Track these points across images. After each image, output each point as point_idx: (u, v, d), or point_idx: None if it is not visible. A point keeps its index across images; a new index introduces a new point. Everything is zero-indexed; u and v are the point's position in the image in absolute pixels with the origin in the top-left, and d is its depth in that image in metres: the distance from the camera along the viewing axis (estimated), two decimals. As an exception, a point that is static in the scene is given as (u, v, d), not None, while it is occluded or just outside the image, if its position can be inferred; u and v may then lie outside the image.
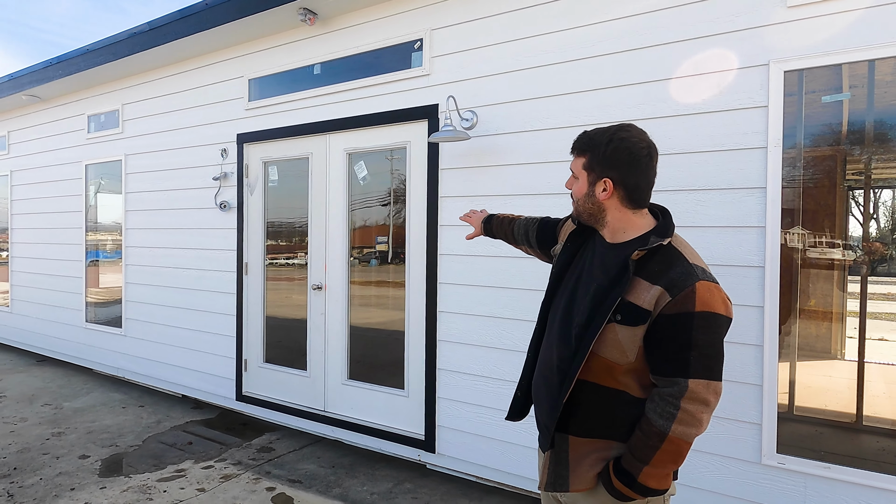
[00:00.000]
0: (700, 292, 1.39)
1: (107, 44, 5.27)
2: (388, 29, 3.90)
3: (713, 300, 1.40)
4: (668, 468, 1.43)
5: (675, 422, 1.39)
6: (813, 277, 2.66)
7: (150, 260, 5.56)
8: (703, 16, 2.80)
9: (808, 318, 2.68)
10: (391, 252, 4.06)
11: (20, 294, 7.30)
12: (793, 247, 2.66)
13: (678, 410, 1.39)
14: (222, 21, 4.36)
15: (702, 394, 1.39)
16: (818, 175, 2.63)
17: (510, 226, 2.15)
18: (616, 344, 1.45)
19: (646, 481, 1.43)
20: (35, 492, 3.44)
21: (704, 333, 1.39)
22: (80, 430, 4.55)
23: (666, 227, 1.52)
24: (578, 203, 1.61)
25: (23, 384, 5.89)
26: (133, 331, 5.75)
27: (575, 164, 1.61)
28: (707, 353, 1.39)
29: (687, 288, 1.40)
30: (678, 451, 1.41)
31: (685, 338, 1.39)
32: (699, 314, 1.39)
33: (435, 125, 3.67)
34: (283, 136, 4.49)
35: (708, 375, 1.39)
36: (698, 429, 1.40)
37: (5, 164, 7.41)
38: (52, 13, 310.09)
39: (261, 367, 4.73)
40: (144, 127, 5.58)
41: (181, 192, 5.24)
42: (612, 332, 1.45)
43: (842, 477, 2.49)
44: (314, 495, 3.45)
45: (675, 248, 1.49)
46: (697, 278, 1.41)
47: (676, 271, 1.43)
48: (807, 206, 2.64)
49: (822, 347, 2.68)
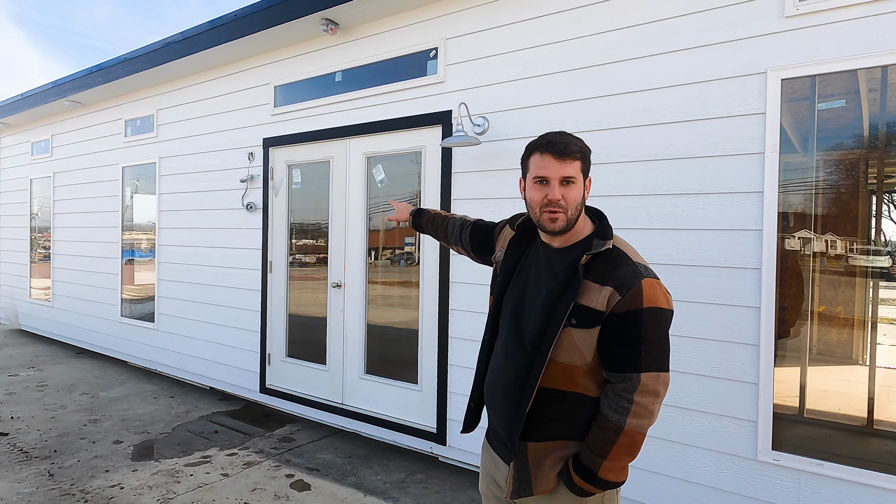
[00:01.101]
0: (646, 289, 1.45)
1: (143, 52, 5.57)
2: (406, 38, 4.07)
3: (657, 295, 1.46)
4: (625, 460, 1.48)
5: (629, 415, 1.43)
6: (828, 282, 2.69)
7: (181, 258, 5.84)
8: (702, 26, 2.89)
9: (825, 322, 2.71)
10: (405, 253, 4.22)
11: (60, 290, 7.69)
12: (800, 250, 2.73)
13: (632, 404, 1.43)
14: (250, 31, 4.59)
15: (652, 386, 1.44)
16: (832, 179, 2.68)
17: (443, 223, 2.17)
18: (573, 348, 1.49)
19: (605, 475, 1.47)
20: (73, 473, 3.70)
21: (652, 328, 1.44)
22: (114, 417, 4.82)
23: (606, 230, 1.57)
24: (574, 209, 1.54)
25: (62, 374, 6.23)
26: (164, 325, 6.04)
27: (573, 168, 1.53)
28: (655, 347, 1.44)
29: (634, 286, 1.45)
30: (633, 444, 1.45)
31: (635, 334, 1.44)
32: (647, 310, 1.44)
33: (448, 130, 3.82)
34: (306, 141, 4.70)
35: (657, 368, 1.45)
36: (650, 420, 1.45)
37: (48, 167, 7.82)
38: (92, 19, 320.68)
39: (283, 361, 4.94)
40: (177, 131, 5.87)
41: (211, 194, 5.50)
42: (569, 337, 1.48)
43: (834, 474, 2.56)
44: (330, 483, 3.62)
45: (618, 248, 1.53)
46: (643, 276, 1.46)
47: (623, 271, 1.47)
48: (818, 211, 2.69)
49: (842, 353, 2.70)
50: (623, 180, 3.14)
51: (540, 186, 1.56)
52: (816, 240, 2.69)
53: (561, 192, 1.52)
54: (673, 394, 2.97)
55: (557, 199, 1.52)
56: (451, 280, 3.83)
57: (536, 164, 1.56)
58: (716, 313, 2.86)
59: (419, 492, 3.52)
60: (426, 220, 2.25)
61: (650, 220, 3.05)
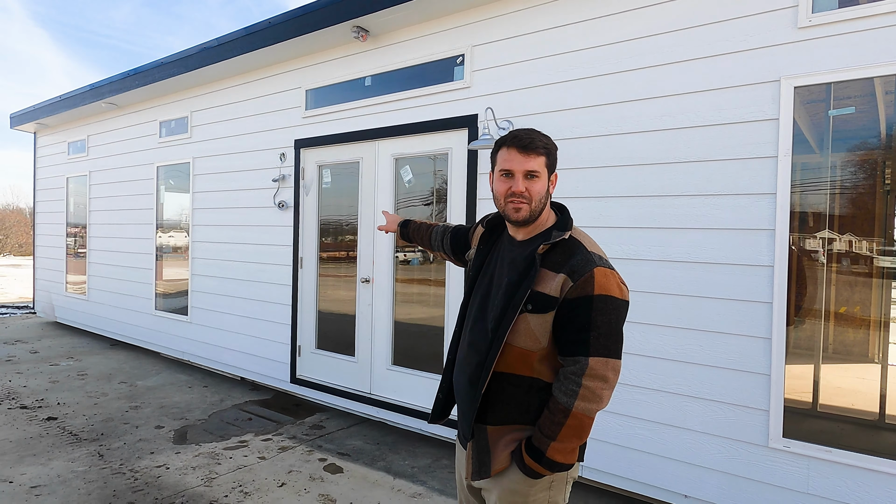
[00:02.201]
0: (598, 277, 1.51)
1: (179, 57, 5.83)
2: (433, 45, 4.27)
3: (609, 284, 1.51)
4: (573, 443, 1.53)
5: (577, 398, 1.48)
6: (844, 281, 2.81)
7: (215, 254, 6.10)
8: (718, 36, 3.05)
9: (841, 321, 2.83)
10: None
11: (96, 284, 8.01)
12: (815, 249, 2.88)
13: (580, 387, 1.48)
14: (283, 38, 4.82)
15: (601, 370, 1.49)
16: (849, 179, 2.80)
17: (427, 231, 2.29)
18: (529, 332, 1.55)
19: (553, 456, 1.52)
20: (121, 454, 3.95)
21: (602, 314, 1.49)
22: (153, 404, 5.09)
23: (566, 222, 1.65)
24: (538, 201, 1.63)
25: (100, 364, 6.53)
26: (198, 318, 6.31)
27: (537, 163, 1.62)
28: (604, 333, 1.49)
29: (586, 273, 1.51)
30: (581, 426, 1.50)
31: (585, 319, 1.49)
32: (597, 297, 1.50)
33: (474, 133, 4.01)
34: (336, 142, 4.91)
35: (606, 353, 1.49)
36: (598, 404, 1.50)
37: (84, 166, 8.14)
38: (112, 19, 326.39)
39: (313, 353, 5.17)
40: (211, 132, 6.12)
41: (243, 192, 5.75)
42: (525, 322, 1.55)
43: (841, 460, 2.71)
44: (361, 466, 3.84)
45: (575, 238, 1.60)
46: (595, 264, 1.52)
47: (577, 259, 1.54)
48: (835, 211, 2.81)
49: (858, 351, 2.82)
50: (641, 182, 3.31)
51: (505, 179, 1.65)
52: (832, 240, 2.82)
53: (525, 184, 1.61)
54: (688, 384, 3.13)
55: (521, 192, 1.61)
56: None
57: (503, 158, 1.65)
58: (729, 308, 3.02)
59: (445, 476, 3.72)
60: (412, 229, 2.35)
61: (667, 219, 3.22)
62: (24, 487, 3.40)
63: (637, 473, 3.32)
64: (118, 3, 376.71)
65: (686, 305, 3.16)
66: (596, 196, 3.48)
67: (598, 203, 3.47)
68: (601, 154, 3.46)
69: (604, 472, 3.45)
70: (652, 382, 3.26)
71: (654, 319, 3.26)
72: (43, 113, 8.26)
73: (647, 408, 3.28)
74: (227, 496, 3.35)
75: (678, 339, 3.18)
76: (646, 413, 3.29)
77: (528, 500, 1.60)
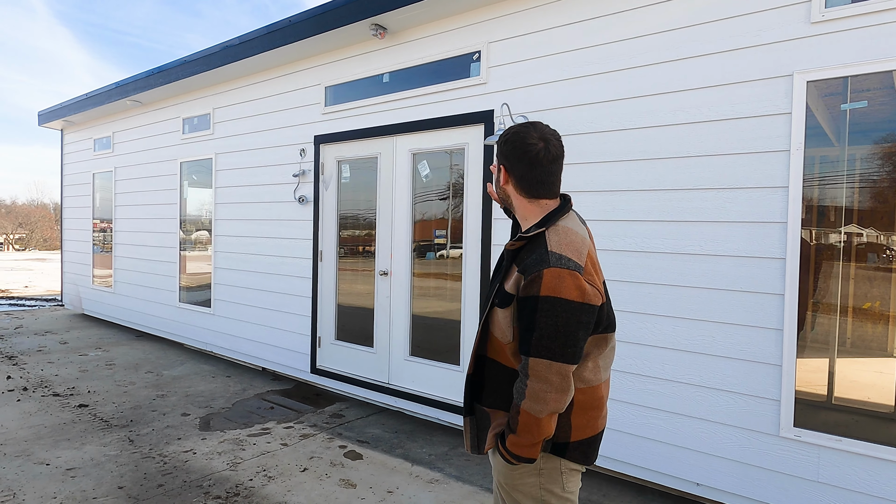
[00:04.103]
0: (546, 278, 1.47)
1: (202, 55, 5.97)
2: (450, 42, 4.35)
3: (559, 286, 1.46)
4: (526, 438, 1.55)
5: (524, 397, 1.52)
6: (861, 275, 2.83)
7: (237, 247, 6.25)
8: (732, 31, 3.09)
9: (858, 314, 2.86)
10: (449, 244, 4.51)
11: (121, 277, 8.23)
12: (830, 242, 2.92)
13: (526, 387, 1.52)
14: (303, 36, 4.93)
15: (542, 373, 1.48)
16: (865, 172, 2.81)
17: None
18: (498, 325, 1.62)
19: (510, 447, 1.58)
20: (150, 440, 4.11)
21: (547, 316, 1.46)
22: (178, 393, 5.26)
23: (547, 219, 1.62)
24: (500, 199, 1.77)
25: (127, 355, 6.74)
26: (220, 310, 6.48)
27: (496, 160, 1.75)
28: (547, 335, 1.47)
29: (535, 273, 1.49)
30: (528, 423, 1.52)
31: (530, 319, 1.49)
32: (543, 298, 1.47)
33: (490, 129, 4.09)
34: (354, 138, 5.02)
35: (548, 356, 1.47)
36: (543, 406, 1.50)
37: (110, 162, 8.36)
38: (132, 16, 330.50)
39: (332, 344, 5.30)
40: (233, 129, 6.27)
41: (264, 187, 5.89)
42: (495, 315, 1.62)
43: (851, 449, 2.76)
44: (380, 453, 3.95)
45: (544, 236, 1.57)
46: (548, 265, 1.48)
47: (532, 258, 1.53)
48: (853, 204, 2.83)
49: (876, 345, 2.83)
50: (656, 175, 3.36)
51: None
52: (850, 233, 2.84)
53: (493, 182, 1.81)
54: (701, 374, 3.19)
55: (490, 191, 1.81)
56: (492, 269, 4.10)
57: None
58: (742, 300, 3.07)
59: (462, 463, 3.82)
60: None
61: (681, 213, 3.27)
62: (60, 469, 3.56)
63: (650, 462, 3.39)
64: (140, 0, 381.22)
65: (699, 297, 3.21)
66: (610, 190, 3.54)
67: (612, 197, 3.53)
68: (615, 148, 3.52)
69: (618, 461, 3.53)
70: (665, 373, 3.33)
71: (666, 311, 3.32)
72: (70, 110, 8.49)
73: (660, 398, 3.35)
74: (251, 480, 3.48)
75: (691, 330, 3.24)
76: (659, 403, 3.35)
77: (515, 483, 1.68)
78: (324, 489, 3.40)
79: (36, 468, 3.58)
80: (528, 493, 1.67)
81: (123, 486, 3.37)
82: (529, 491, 1.67)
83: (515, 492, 1.69)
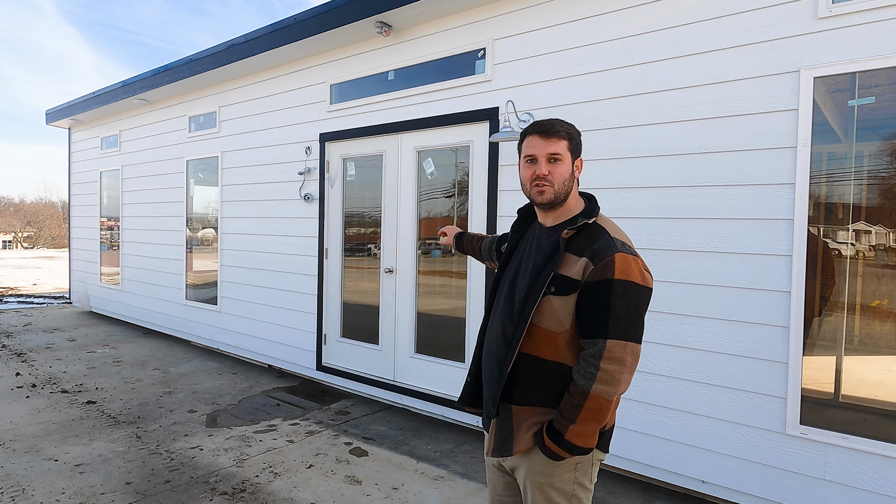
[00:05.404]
0: (618, 262, 1.55)
1: (208, 54, 5.99)
2: (455, 39, 4.34)
3: (630, 270, 1.56)
4: (592, 426, 1.56)
5: (595, 381, 1.53)
6: (870, 273, 2.80)
7: (243, 245, 6.27)
8: (738, 27, 3.07)
9: (867, 312, 2.82)
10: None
11: (128, 275, 8.28)
12: (838, 240, 2.90)
13: (598, 370, 1.53)
14: (308, 34, 4.94)
15: (619, 353, 1.52)
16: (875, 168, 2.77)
17: (478, 244, 2.39)
18: (552, 314, 1.61)
19: (572, 439, 1.56)
20: (157, 436, 4.14)
21: (622, 299, 1.53)
22: (185, 390, 5.28)
23: (592, 209, 1.71)
24: (561, 184, 1.70)
25: (134, 352, 6.78)
26: (227, 308, 6.51)
27: (559, 146, 1.70)
28: (623, 316, 1.53)
29: (607, 258, 1.56)
30: (599, 409, 1.54)
31: (605, 302, 1.54)
32: (617, 281, 1.54)
33: (495, 126, 4.08)
34: (360, 136, 5.03)
35: (625, 337, 1.53)
36: (616, 387, 1.53)
37: (117, 160, 8.40)
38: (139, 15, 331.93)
39: (338, 342, 5.32)
40: (238, 127, 6.29)
41: (270, 185, 5.90)
42: (549, 304, 1.61)
43: (858, 446, 2.75)
44: (386, 450, 3.96)
45: (599, 225, 1.66)
46: (617, 250, 1.57)
47: (599, 244, 1.60)
48: (861, 201, 2.80)
49: (885, 343, 2.80)
50: (661, 173, 3.35)
51: (530, 164, 1.74)
52: (858, 230, 2.82)
53: (548, 168, 1.69)
54: (707, 372, 3.18)
55: (544, 174, 1.69)
56: (497, 266, 4.10)
57: (527, 146, 1.75)
58: (748, 297, 3.06)
59: (467, 461, 3.83)
60: (465, 242, 2.46)
61: (686, 209, 3.26)
62: (69, 465, 3.59)
63: (656, 459, 3.39)
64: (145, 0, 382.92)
65: (705, 294, 3.20)
66: (616, 187, 3.53)
67: (619, 193, 3.52)
68: (622, 145, 3.51)
69: (624, 459, 3.52)
70: (671, 370, 3.32)
71: (673, 308, 3.31)
72: (77, 109, 8.54)
73: (666, 395, 3.34)
74: (258, 476, 3.50)
75: (697, 327, 3.23)
76: (665, 401, 3.34)
77: (553, 480, 1.66)
78: (329, 486, 3.42)
79: (45, 464, 3.61)
80: (562, 488, 1.66)
81: (131, 482, 3.39)
82: (564, 487, 1.66)
83: (551, 489, 1.67)
